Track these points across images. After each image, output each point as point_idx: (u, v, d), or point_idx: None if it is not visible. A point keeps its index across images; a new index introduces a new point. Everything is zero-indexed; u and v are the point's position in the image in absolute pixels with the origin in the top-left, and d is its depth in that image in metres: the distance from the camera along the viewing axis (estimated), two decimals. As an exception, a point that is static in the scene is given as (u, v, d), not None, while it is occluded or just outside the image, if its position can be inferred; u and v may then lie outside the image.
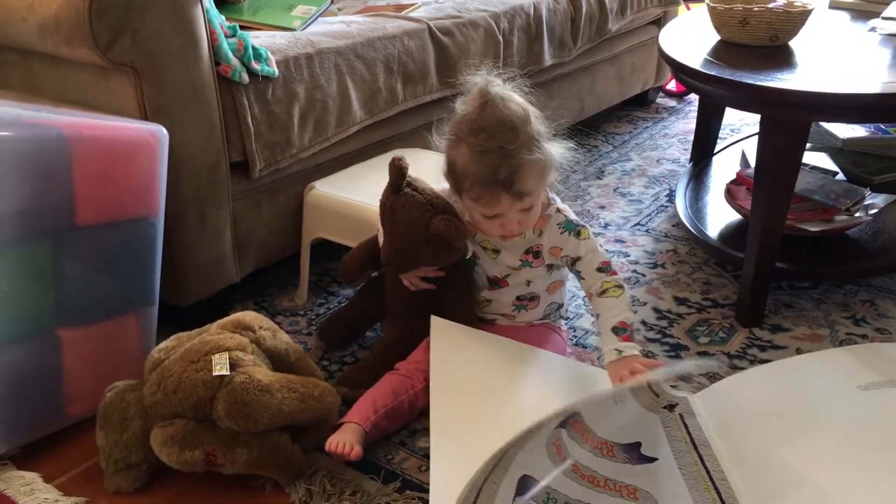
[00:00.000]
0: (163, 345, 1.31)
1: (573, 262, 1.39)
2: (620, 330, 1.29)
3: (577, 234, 1.37)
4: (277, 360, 1.30)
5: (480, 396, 1.31)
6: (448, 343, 1.36)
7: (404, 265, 1.37)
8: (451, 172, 1.32)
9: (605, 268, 1.37)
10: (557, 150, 1.32)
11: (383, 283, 1.52)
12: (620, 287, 1.34)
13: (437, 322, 1.39)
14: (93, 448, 1.27)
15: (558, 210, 1.39)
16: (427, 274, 1.40)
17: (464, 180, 1.29)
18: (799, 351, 1.56)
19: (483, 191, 1.27)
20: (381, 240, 1.43)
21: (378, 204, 1.39)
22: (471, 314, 1.46)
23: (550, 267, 1.43)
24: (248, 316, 1.33)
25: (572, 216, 1.40)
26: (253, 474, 1.23)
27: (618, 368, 1.26)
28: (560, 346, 1.49)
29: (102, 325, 1.33)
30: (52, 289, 1.26)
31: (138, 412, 1.23)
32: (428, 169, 1.42)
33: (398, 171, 1.33)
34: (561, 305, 1.54)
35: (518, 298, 1.46)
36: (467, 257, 1.39)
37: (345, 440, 1.24)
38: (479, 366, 1.35)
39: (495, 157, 1.23)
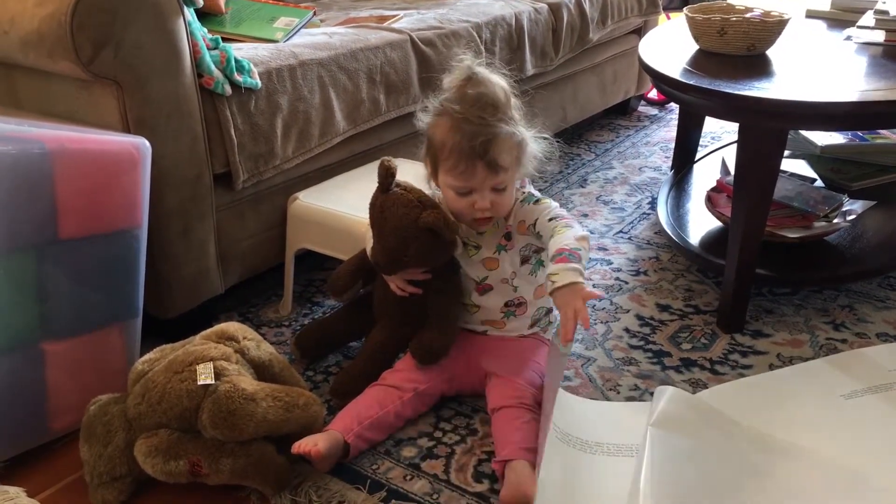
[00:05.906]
0: (146, 357, 1.31)
1: (534, 228, 1.38)
2: (557, 255, 1.25)
3: (537, 201, 1.39)
4: (261, 371, 1.31)
5: None
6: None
7: (393, 264, 1.37)
8: (431, 148, 1.36)
9: (556, 216, 1.34)
10: (532, 136, 1.35)
11: (369, 301, 1.52)
12: (569, 226, 1.31)
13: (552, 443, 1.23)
14: (77, 461, 1.27)
15: (525, 191, 1.41)
16: (415, 277, 1.41)
17: (441, 150, 1.32)
18: (780, 356, 1.58)
19: (460, 159, 1.29)
20: (368, 246, 1.43)
21: (363, 213, 1.41)
22: (457, 319, 1.46)
23: (526, 259, 1.43)
24: (232, 326, 1.33)
25: (536, 193, 1.42)
26: (238, 485, 1.23)
27: (563, 297, 1.21)
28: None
29: (86, 337, 1.33)
30: (36, 302, 1.25)
31: (122, 424, 1.23)
32: (412, 179, 1.42)
33: (387, 171, 1.35)
34: (550, 310, 1.55)
35: (506, 305, 1.46)
36: (459, 252, 1.40)
37: (312, 440, 1.24)
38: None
39: (475, 126, 1.28)
